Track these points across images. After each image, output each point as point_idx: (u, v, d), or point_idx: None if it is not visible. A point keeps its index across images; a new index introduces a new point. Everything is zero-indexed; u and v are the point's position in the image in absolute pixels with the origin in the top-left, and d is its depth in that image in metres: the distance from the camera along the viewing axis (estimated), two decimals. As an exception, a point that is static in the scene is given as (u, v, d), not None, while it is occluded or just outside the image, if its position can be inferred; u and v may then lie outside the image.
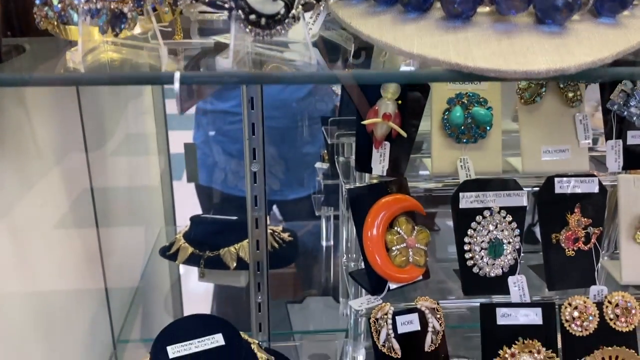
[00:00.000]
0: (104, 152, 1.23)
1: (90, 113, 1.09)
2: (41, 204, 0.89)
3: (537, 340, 0.82)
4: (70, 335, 1.02)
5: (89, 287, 1.13)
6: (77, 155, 1.06)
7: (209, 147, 1.85)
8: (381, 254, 0.87)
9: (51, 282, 0.93)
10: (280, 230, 1.50)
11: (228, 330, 0.95)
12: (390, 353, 0.81)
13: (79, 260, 1.07)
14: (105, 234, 1.17)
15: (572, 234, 0.87)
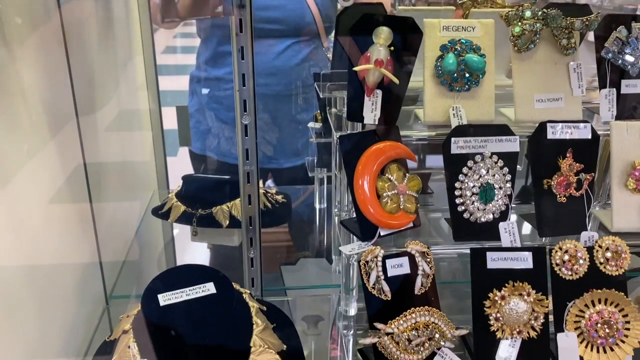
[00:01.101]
0: (97, 126, 1.22)
1: (82, 88, 1.08)
2: (32, 158, 0.88)
3: (528, 284, 0.82)
4: (61, 290, 1.02)
5: (80, 243, 1.12)
6: (70, 130, 1.05)
7: (203, 114, 1.84)
8: (372, 200, 0.87)
9: (42, 239, 0.93)
10: (274, 192, 1.50)
11: (219, 280, 0.95)
12: (380, 295, 0.81)
13: (69, 217, 1.06)
14: (97, 195, 1.17)
15: (563, 180, 0.86)
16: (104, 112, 1.27)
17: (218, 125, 1.82)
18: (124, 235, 1.39)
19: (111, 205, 1.30)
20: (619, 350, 0.82)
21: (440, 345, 0.82)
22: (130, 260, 1.34)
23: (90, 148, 1.14)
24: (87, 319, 1.12)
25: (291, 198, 1.55)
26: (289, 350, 0.93)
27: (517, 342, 0.82)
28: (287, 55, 1.72)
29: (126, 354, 0.87)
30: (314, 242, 1.61)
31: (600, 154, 1.00)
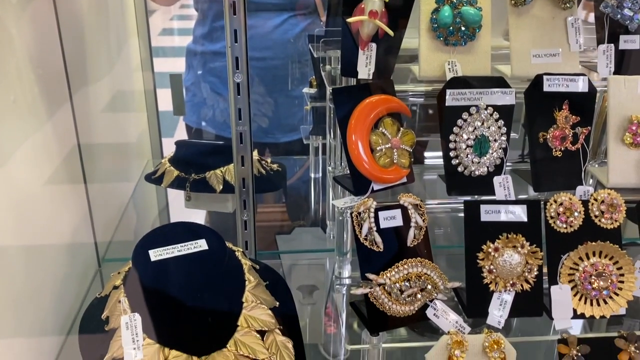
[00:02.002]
0: (91, 108, 1.21)
1: (76, 69, 1.07)
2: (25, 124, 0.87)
3: (522, 236, 0.81)
4: (51, 249, 1.01)
5: (71, 206, 1.12)
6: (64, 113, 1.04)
7: (198, 88, 1.83)
8: (365, 153, 0.85)
9: (33, 200, 0.92)
10: (269, 161, 1.49)
11: (212, 237, 0.94)
12: (372, 246, 0.81)
13: (61, 179, 1.05)
14: (90, 161, 1.16)
15: (559, 133, 0.85)
16: (98, 93, 1.27)
17: (214, 98, 1.81)
18: (117, 202, 1.38)
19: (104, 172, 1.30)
20: (613, 303, 0.82)
21: (433, 297, 0.81)
22: (124, 226, 1.33)
23: (85, 128, 1.14)
24: (79, 280, 1.11)
25: (287, 172, 1.54)
26: (282, 307, 0.93)
27: (510, 294, 0.82)
28: (284, 29, 1.70)
29: (116, 308, 0.86)
30: (309, 211, 1.60)
31: (597, 112, 0.99)
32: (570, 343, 0.79)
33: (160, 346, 0.83)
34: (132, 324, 0.85)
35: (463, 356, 0.74)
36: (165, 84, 1.76)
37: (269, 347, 0.88)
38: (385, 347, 0.80)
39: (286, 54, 1.72)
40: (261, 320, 0.90)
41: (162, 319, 0.86)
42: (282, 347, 0.89)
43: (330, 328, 1.27)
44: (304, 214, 1.63)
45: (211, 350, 0.85)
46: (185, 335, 0.85)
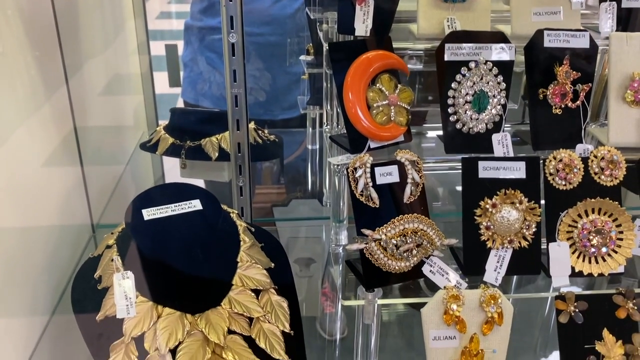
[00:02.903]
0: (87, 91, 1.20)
1: (72, 54, 1.05)
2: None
3: (520, 192, 0.80)
4: (45, 217, 1.00)
5: (65, 173, 1.10)
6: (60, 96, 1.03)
7: (196, 63, 1.81)
8: (362, 110, 0.84)
9: (26, 164, 0.91)
10: (266, 132, 1.47)
11: (206, 197, 0.93)
12: (368, 202, 0.79)
13: (53, 142, 1.03)
14: (83, 126, 1.14)
15: (559, 89, 0.84)
16: (95, 76, 1.25)
17: (212, 73, 1.79)
18: (112, 170, 1.37)
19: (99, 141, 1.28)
20: (611, 261, 0.81)
21: (429, 254, 0.80)
22: (119, 194, 1.32)
23: (81, 110, 1.13)
24: (73, 245, 1.10)
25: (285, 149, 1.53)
26: (277, 269, 0.92)
27: (507, 252, 0.81)
28: (282, 4, 1.68)
29: (109, 267, 0.85)
30: (307, 184, 1.59)
31: (599, 75, 0.97)
32: (567, 299, 0.78)
33: (154, 304, 0.82)
34: (125, 281, 0.84)
35: (459, 310, 0.73)
36: (162, 67, 1.75)
37: (263, 306, 0.87)
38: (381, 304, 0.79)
39: (284, 30, 1.70)
40: (256, 279, 0.90)
41: (156, 277, 0.85)
42: (277, 307, 0.89)
43: (328, 307, 1.26)
44: (301, 187, 1.62)
45: (205, 308, 0.84)
46: (178, 293, 0.84)
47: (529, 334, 1.24)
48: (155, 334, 0.80)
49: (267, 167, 1.74)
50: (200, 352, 0.79)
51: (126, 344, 0.79)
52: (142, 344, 0.79)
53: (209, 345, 0.80)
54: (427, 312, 0.74)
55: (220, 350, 0.80)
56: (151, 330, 0.80)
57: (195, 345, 0.80)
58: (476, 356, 0.73)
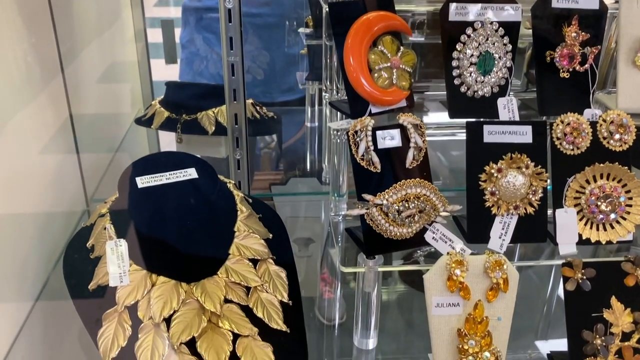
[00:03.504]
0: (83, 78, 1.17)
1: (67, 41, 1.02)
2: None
3: (526, 157, 0.77)
4: (38, 192, 0.97)
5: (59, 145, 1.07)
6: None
7: (193, 44, 1.78)
8: (363, 72, 0.81)
9: (18, 140, 0.88)
10: (265, 109, 1.44)
11: (202, 166, 0.90)
12: (369, 167, 0.77)
13: (48, 125, 1.00)
14: (79, 113, 1.12)
15: (568, 51, 0.81)
16: (91, 64, 1.22)
17: (209, 52, 1.76)
18: (107, 145, 1.34)
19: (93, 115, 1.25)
20: (620, 228, 0.78)
21: (432, 220, 0.78)
22: (114, 169, 1.29)
23: (76, 96, 1.10)
24: (66, 219, 1.08)
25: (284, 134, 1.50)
26: (276, 240, 0.89)
27: (513, 218, 0.78)
28: (282, -17, 1.65)
29: (102, 236, 0.82)
30: (305, 160, 1.56)
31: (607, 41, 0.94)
32: (575, 266, 0.76)
33: (148, 272, 0.79)
34: (118, 249, 0.81)
35: (463, 276, 0.70)
36: (160, 54, 1.72)
37: (261, 276, 0.84)
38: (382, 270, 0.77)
39: (283, 11, 1.67)
40: (253, 249, 0.87)
41: (150, 245, 0.82)
42: (275, 277, 0.86)
43: (327, 293, 1.24)
44: (300, 165, 1.59)
45: (201, 277, 0.81)
46: (173, 262, 0.82)
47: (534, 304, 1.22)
48: (149, 303, 0.77)
49: (265, 153, 1.71)
50: (196, 321, 0.77)
51: (119, 312, 0.76)
52: (135, 312, 0.77)
53: (204, 314, 0.77)
54: (429, 278, 0.72)
55: (216, 319, 0.78)
56: (145, 299, 0.78)
57: (191, 314, 0.78)
58: (480, 323, 0.71)
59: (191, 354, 0.75)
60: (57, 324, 0.93)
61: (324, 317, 1.11)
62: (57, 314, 0.94)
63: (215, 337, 0.77)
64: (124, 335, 0.75)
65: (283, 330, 0.80)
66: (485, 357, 0.70)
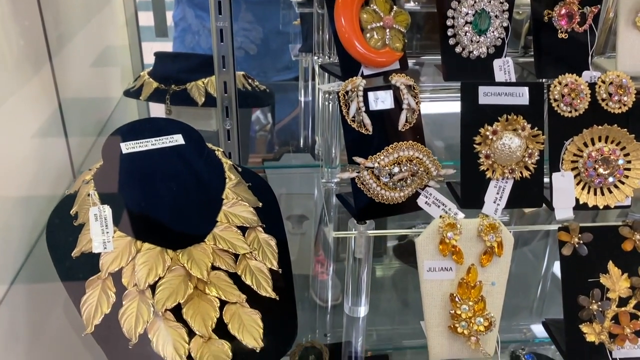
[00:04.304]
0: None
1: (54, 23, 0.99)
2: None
3: (522, 118, 0.74)
4: (23, 163, 0.94)
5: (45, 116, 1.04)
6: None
7: (185, 21, 1.75)
8: (355, 32, 0.78)
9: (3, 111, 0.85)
10: (257, 82, 1.41)
11: (189, 132, 0.87)
12: (360, 129, 0.74)
13: (34, 98, 0.97)
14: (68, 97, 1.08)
15: (566, 10, 0.78)
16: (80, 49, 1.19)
17: (201, 27, 1.73)
18: (94, 117, 1.31)
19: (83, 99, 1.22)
20: (618, 192, 0.76)
21: (425, 184, 0.75)
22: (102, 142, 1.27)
23: (65, 81, 1.07)
24: (52, 189, 1.05)
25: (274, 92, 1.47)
26: (265, 208, 0.87)
27: (508, 183, 0.76)
28: (278, -40, 1.61)
29: (86, 202, 0.80)
30: (298, 136, 1.54)
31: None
32: (572, 230, 0.73)
33: (132, 239, 0.77)
34: (102, 215, 0.79)
35: (456, 239, 0.68)
36: (152, 37, 1.69)
37: (250, 244, 0.82)
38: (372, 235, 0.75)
39: (279, -12, 1.64)
40: (242, 217, 0.85)
41: (134, 212, 0.79)
42: (265, 244, 0.84)
43: (322, 275, 1.22)
44: (293, 141, 1.57)
45: (187, 245, 0.79)
46: (158, 229, 0.79)
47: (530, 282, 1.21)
48: (133, 270, 0.75)
49: (261, 136, 1.69)
50: (182, 288, 0.75)
51: (103, 279, 0.74)
52: (119, 280, 0.75)
53: (191, 280, 0.75)
54: (421, 242, 0.70)
55: (203, 285, 0.76)
56: (129, 266, 0.75)
57: (177, 281, 0.76)
58: (474, 288, 0.69)
59: (177, 320, 0.73)
60: (40, 295, 0.91)
61: (319, 298, 1.10)
62: (40, 285, 0.92)
63: (202, 304, 0.75)
64: (107, 302, 0.73)
65: (272, 298, 0.78)
66: (478, 323, 0.68)
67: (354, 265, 0.81)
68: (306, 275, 1.23)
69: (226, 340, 0.73)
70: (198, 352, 0.71)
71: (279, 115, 1.65)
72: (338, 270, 1.16)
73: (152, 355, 0.70)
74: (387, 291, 1.21)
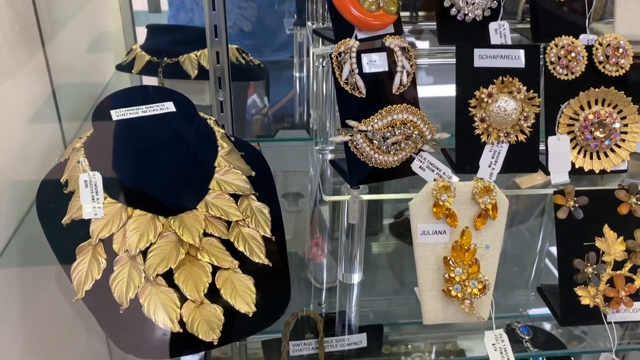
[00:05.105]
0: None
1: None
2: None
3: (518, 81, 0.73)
4: (14, 138, 0.93)
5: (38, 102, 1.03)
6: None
7: (181, 1, 1.73)
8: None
9: None
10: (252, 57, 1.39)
11: (180, 100, 0.86)
12: (354, 92, 0.73)
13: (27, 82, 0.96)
14: None
15: (563, -29, 0.76)
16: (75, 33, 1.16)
17: (194, 5, 1.70)
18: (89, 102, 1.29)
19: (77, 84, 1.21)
20: (614, 156, 0.75)
21: (419, 149, 0.74)
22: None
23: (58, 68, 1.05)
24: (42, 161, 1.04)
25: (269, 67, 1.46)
26: (259, 178, 0.86)
27: (503, 147, 0.75)
28: None
29: (76, 170, 0.79)
30: (293, 111, 1.52)
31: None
32: (567, 193, 0.73)
33: (123, 205, 0.76)
34: (92, 181, 0.78)
35: (450, 201, 0.67)
36: (146, 21, 1.66)
37: (243, 211, 0.81)
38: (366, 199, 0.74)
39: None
40: (235, 184, 0.84)
41: (125, 178, 0.78)
42: (258, 212, 0.83)
43: (319, 257, 1.22)
44: (288, 118, 1.55)
45: (179, 212, 0.78)
46: (149, 195, 0.78)
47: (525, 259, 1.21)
48: (124, 236, 0.74)
49: (257, 119, 1.67)
50: (174, 253, 0.74)
51: (93, 245, 0.73)
52: (110, 246, 0.74)
53: (182, 246, 0.74)
54: (415, 205, 0.69)
55: (195, 251, 0.75)
56: (120, 232, 0.74)
57: (168, 247, 0.75)
58: (468, 251, 0.68)
59: (168, 285, 0.72)
60: (31, 264, 0.90)
61: (316, 281, 1.10)
62: (31, 254, 0.91)
63: (194, 269, 0.74)
64: (98, 268, 0.72)
65: (265, 265, 0.77)
66: (472, 285, 0.67)
67: (348, 231, 0.80)
68: (302, 253, 1.23)
69: (218, 305, 0.72)
70: (190, 317, 0.70)
71: (273, 94, 1.63)
72: (334, 250, 1.16)
73: (143, 320, 0.70)
74: (382, 268, 1.21)
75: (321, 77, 0.84)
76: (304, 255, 1.22)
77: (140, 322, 0.70)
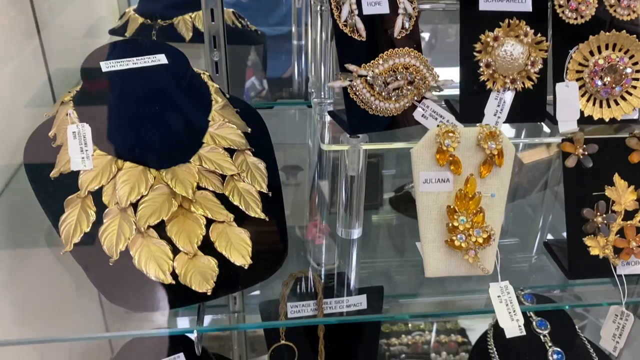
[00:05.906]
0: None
1: None
2: None
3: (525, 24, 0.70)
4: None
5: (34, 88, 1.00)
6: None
7: None
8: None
9: None
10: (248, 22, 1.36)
11: (172, 52, 0.82)
12: (353, 34, 0.69)
13: None
14: None
15: None
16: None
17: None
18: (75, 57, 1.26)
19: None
20: (625, 104, 0.72)
21: (422, 96, 0.71)
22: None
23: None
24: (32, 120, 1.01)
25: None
26: (255, 134, 0.83)
27: (509, 94, 0.72)
28: None
29: (65, 123, 0.75)
30: (292, 81, 1.49)
31: None
32: (576, 141, 0.70)
33: (113, 157, 0.73)
34: (80, 133, 0.75)
35: (454, 146, 0.64)
36: None
37: (238, 166, 0.78)
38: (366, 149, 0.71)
39: None
40: (230, 139, 0.80)
41: (115, 130, 0.75)
42: (254, 167, 0.80)
43: (319, 239, 1.19)
44: (287, 88, 1.52)
45: (171, 165, 0.75)
46: (141, 148, 0.75)
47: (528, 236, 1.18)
48: (114, 188, 0.71)
49: (255, 102, 1.63)
50: (166, 205, 0.71)
51: (82, 198, 0.70)
52: (100, 199, 0.71)
53: (175, 199, 0.71)
54: (417, 152, 0.66)
55: (188, 204, 0.72)
56: (110, 184, 0.71)
57: (160, 199, 0.72)
58: (472, 199, 0.65)
59: (160, 238, 0.69)
60: (21, 221, 0.88)
61: (316, 263, 1.07)
62: (21, 211, 0.88)
63: (187, 222, 0.71)
64: (87, 221, 0.69)
65: (262, 219, 0.74)
66: (477, 234, 0.64)
67: (347, 184, 0.77)
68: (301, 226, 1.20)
69: (213, 257, 0.69)
70: (183, 269, 0.67)
71: (271, 68, 1.60)
72: (333, 230, 1.13)
73: (134, 272, 0.67)
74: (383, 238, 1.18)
75: (319, 26, 0.80)
76: (307, 250, 1.20)
77: (131, 275, 0.67)
